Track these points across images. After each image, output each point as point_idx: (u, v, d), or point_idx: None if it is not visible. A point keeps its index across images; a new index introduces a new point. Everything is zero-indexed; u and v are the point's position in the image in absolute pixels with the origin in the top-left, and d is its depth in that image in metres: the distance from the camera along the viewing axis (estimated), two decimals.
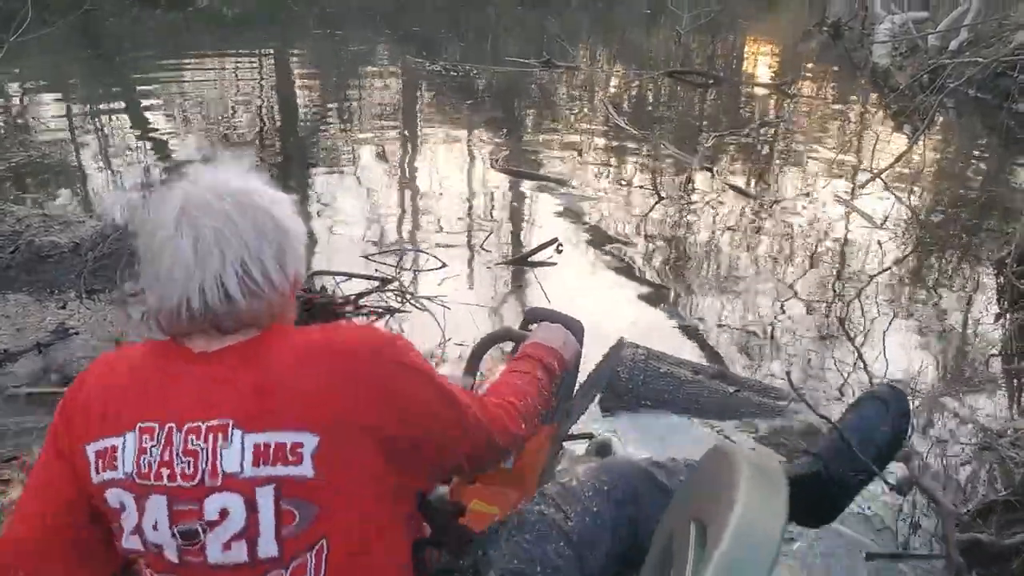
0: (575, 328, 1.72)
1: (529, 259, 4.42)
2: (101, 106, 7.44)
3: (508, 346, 2.03)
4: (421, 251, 4.43)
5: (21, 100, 7.60)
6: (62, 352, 3.24)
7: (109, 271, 3.75)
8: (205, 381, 1.10)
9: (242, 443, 1.06)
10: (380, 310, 3.66)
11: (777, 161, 6.47)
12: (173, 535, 1.08)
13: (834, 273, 4.46)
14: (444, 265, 4.26)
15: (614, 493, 1.58)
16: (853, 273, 4.45)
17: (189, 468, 1.07)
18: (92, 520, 1.15)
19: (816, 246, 4.78)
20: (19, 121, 6.90)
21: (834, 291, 4.23)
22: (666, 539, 1.24)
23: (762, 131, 6.97)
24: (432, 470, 1.25)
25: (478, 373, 1.87)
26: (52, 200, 4.93)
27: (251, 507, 1.06)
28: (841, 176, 5.90)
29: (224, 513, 1.06)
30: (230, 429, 1.06)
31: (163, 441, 1.08)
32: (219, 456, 1.06)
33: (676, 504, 1.36)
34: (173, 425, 1.08)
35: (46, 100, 7.67)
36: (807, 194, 5.50)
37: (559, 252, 4.49)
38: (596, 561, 1.47)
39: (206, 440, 1.07)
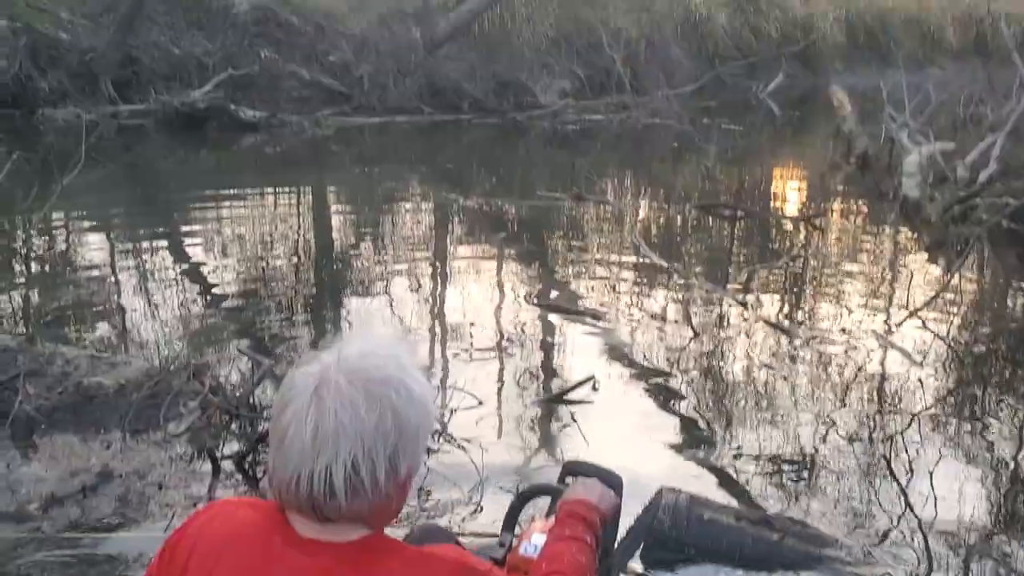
0: (613, 483, 1.73)
1: (565, 397, 4.42)
2: (144, 242, 7.67)
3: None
4: (457, 389, 4.45)
5: (67, 237, 7.86)
6: (105, 495, 3.27)
7: (153, 411, 3.81)
8: (299, 574, 1.13)
9: None
10: None
11: (810, 294, 6.50)
12: None
13: (875, 411, 4.42)
14: (480, 403, 4.28)
15: None
16: (894, 410, 4.40)
17: None
18: None
19: (855, 383, 4.75)
20: (69, 260, 7.13)
21: (876, 429, 4.18)
22: None
23: (794, 264, 7.02)
24: None
25: (516, 528, 1.87)
26: (99, 340, 5.05)
27: None
28: (876, 310, 5.90)
29: None
30: None
31: None
32: None
33: None
34: None
35: (92, 237, 7.94)
36: (843, 329, 5.50)
37: (595, 390, 4.49)
38: None
39: None
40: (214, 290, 6.34)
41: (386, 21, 16.31)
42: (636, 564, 2.84)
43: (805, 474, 3.73)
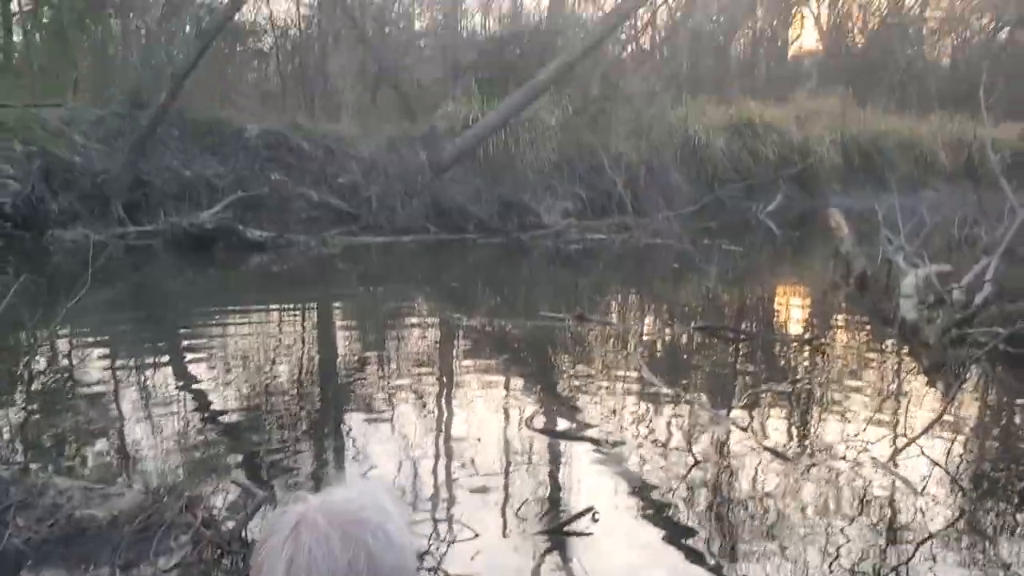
0: None
1: (565, 529, 4.35)
2: (147, 364, 7.71)
3: None
4: (453, 520, 4.40)
5: (70, 360, 7.89)
6: None
7: (144, 543, 3.75)
8: None
9: None
10: None
11: (812, 420, 6.46)
12: None
13: (878, 541, 4.34)
14: (476, 535, 4.21)
15: None
16: (897, 540, 4.33)
17: None
18: None
19: (857, 512, 4.68)
20: (68, 381, 7.14)
21: (880, 560, 4.10)
22: None
23: (795, 388, 7.02)
24: None
25: None
26: (94, 468, 5.01)
27: None
28: (878, 437, 5.84)
29: None
30: None
31: None
32: None
33: None
34: None
35: (94, 359, 7.95)
36: (844, 457, 5.44)
37: (595, 520, 4.42)
38: None
39: None
40: (215, 413, 6.32)
41: (395, 145, 16.80)
42: None
43: None
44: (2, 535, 3.60)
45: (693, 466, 5.34)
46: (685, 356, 8.51)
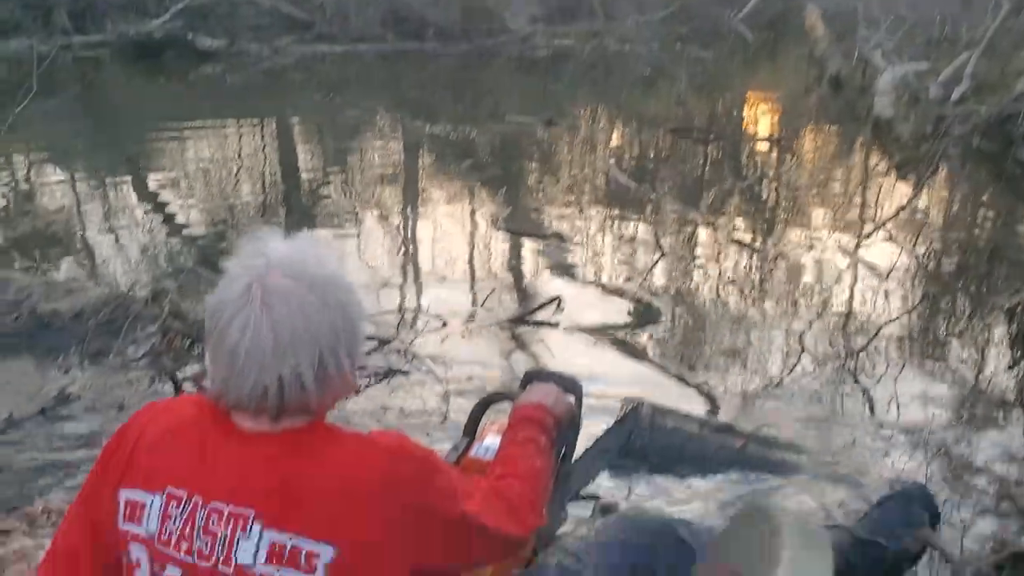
0: (571, 387, 1.70)
1: (531, 318, 4.38)
2: (102, 172, 7.52)
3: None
4: (423, 312, 4.41)
5: (27, 170, 7.66)
6: (63, 418, 3.21)
7: (111, 336, 3.73)
8: (240, 463, 1.11)
9: (260, 537, 1.08)
10: (381, 371, 3.62)
11: (780, 214, 6.47)
12: None
13: (841, 324, 4.42)
14: (445, 324, 4.23)
15: (630, 544, 1.61)
16: (861, 325, 4.41)
17: (206, 548, 1.09)
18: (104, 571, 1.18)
19: (822, 299, 4.75)
20: (25, 190, 6.95)
21: (842, 341, 4.19)
22: None
23: (764, 185, 7.00)
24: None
25: (476, 434, 1.87)
26: (55, 268, 4.94)
27: None
28: (845, 227, 5.88)
29: None
30: (251, 520, 1.08)
31: (186, 513, 1.10)
32: (236, 545, 1.08)
33: (706, 560, 1.40)
34: (199, 499, 1.10)
35: (51, 170, 7.74)
36: (811, 246, 5.48)
37: (561, 310, 4.45)
38: None
39: (226, 525, 1.09)
40: (175, 219, 6.23)
41: None
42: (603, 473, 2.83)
43: (771, 385, 3.74)
44: None
45: (660, 258, 5.36)
46: (655, 158, 8.40)
